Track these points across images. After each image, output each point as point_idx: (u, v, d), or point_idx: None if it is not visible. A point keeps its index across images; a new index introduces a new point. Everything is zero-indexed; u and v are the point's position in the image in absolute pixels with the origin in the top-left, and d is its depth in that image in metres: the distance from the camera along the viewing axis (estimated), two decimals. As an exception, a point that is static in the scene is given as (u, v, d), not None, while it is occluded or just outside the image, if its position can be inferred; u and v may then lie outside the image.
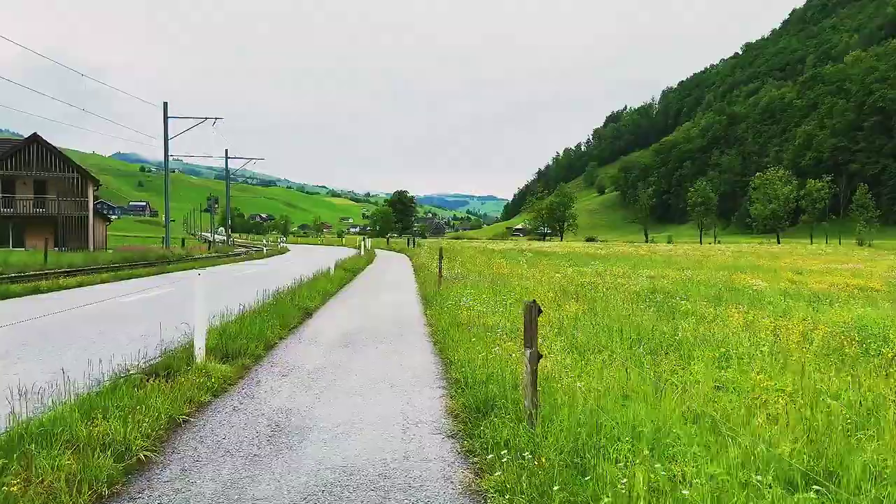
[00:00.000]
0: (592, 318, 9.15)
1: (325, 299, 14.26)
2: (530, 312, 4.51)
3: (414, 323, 11.03)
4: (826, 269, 30.81)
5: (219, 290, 16.06)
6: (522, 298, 11.85)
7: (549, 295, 12.26)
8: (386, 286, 18.92)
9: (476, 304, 11.41)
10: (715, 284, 17.16)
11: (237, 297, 12.32)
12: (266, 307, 10.51)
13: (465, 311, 10.41)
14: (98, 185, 48.94)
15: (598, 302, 11.36)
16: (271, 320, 9.48)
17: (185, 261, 33.14)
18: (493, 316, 9.73)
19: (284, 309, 10.64)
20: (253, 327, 8.56)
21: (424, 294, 15.16)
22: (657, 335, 7.64)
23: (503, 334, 8.11)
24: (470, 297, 12.23)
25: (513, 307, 10.84)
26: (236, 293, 14.48)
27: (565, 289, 14.06)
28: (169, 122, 39.22)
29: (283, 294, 12.28)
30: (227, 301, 11.51)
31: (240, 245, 77.02)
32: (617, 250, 52.99)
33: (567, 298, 12.13)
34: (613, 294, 13.33)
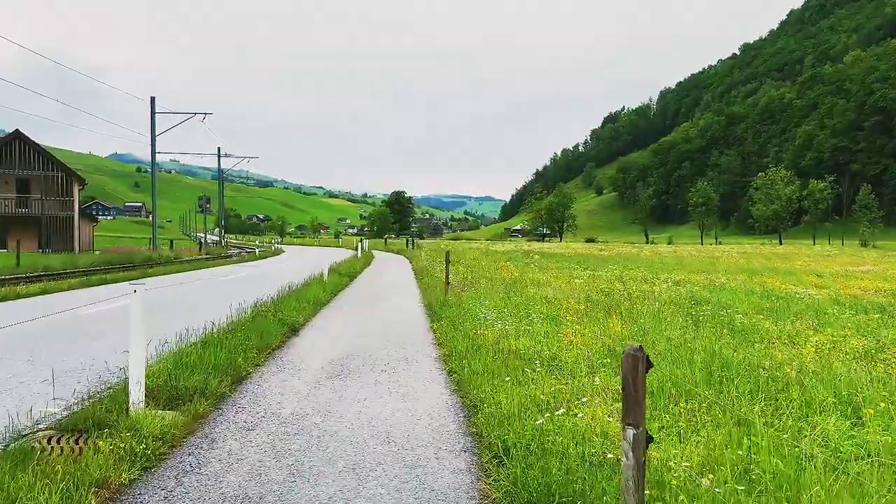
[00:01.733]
0: (644, 340, 7.38)
1: (315, 310, 12.44)
2: (634, 368, 2.72)
3: (420, 342, 9.23)
4: (844, 271, 29.21)
5: (194, 299, 14.25)
6: (547, 312, 10.07)
7: (579, 307, 10.47)
8: (385, 293, 17.09)
9: (491, 315, 9.64)
10: (752, 291, 15.40)
11: (213, 308, 10.54)
12: (242, 324, 8.71)
13: (482, 328, 8.61)
14: (84, 184, 47.00)
15: (640, 316, 9.58)
16: (246, 341, 7.69)
17: (172, 263, 31.28)
18: (520, 337, 7.92)
19: (264, 326, 8.82)
20: (219, 353, 6.75)
21: (429, 303, 13.36)
22: (742, 366, 5.85)
23: (540, 365, 6.31)
24: (484, 308, 10.46)
25: (538, 322, 9.06)
26: (214, 303, 12.69)
27: (591, 298, 12.28)
28: (157, 118, 37.41)
29: (265, 306, 10.46)
30: (200, 314, 9.74)
31: (234, 246, 75.13)
32: (620, 251, 51.26)
33: (597, 310, 10.36)
34: (649, 305, 11.57)
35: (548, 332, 8.30)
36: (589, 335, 7.90)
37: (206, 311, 10.10)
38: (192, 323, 8.41)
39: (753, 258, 41.59)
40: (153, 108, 37.44)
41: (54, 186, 44.22)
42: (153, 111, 37.41)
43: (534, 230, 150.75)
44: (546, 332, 8.23)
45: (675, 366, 6.00)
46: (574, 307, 10.85)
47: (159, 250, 38.68)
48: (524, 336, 8.01)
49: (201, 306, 12.16)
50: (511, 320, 9.40)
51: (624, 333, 7.88)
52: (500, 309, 10.60)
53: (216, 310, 10.15)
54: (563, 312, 10.06)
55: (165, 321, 9.63)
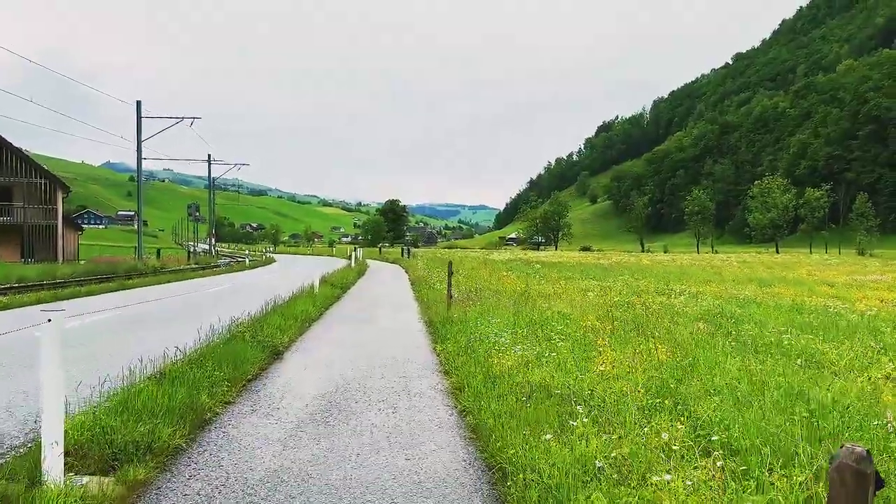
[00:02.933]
0: (697, 371, 6.12)
1: (303, 328, 11.12)
2: (856, 492, 1.45)
3: (423, 368, 7.93)
4: (853, 281, 28.22)
5: (167, 316, 12.90)
6: (568, 332, 8.80)
7: (602, 325, 9.20)
8: (381, 307, 15.78)
9: (504, 336, 8.38)
10: (780, 305, 14.19)
11: (185, 328, 9.24)
12: (214, 349, 7.40)
13: (495, 352, 7.33)
14: (68, 191, 45.52)
15: (672, 337, 8.33)
16: (216, 372, 6.38)
17: (156, 274, 29.88)
18: (543, 364, 6.64)
19: (240, 351, 7.51)
20: (178, 391, 5.44)
21: (430, 318, 12.07)
22: (844, 411, 4.59)
23: (577, 402, 5.03)
24: (494, 327, 9.19)
25: (560, 344, 7.79)
26: (188, 321, 11.36)
27: (612, 314, 11.03)
28: (146, 122, 36.09)
29: (244, 325, 9.14)
30: (168, 336, 8.44)
31: (224, 255, 73.58)
32: (619, 260, 50.18)
33: (624, 328, 9.11)
34: (678, 322, 10.34)
35: (576, 357, 7.03)
36: (625, 363, 6.63)
37: (176, 332, 8.80)
38: (154, 348, 7.10)
39: (755, 267, 40.58)
40: (139, 112, 36.12)
41: (37, 194, 42.74)
42: (139, 116, 36.09)
43: (528, 239, 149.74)
44: (574, 358, 6.95)
45: (747, 408, 4.75)
46: (595, 325, 9.60)
47: (145, 260, 37.22)
48: (548, 364, 6.74)
49: (172, 325, 10.84)
50: (528, 342, 8.13)
51: (668, 360, 6.61)
52: (512, 327, 9.32)
53: (187, 330, 8.85)
54: (586, 332, 8.80)
55: (123, 345, 8.33)
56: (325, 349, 9.31)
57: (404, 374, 7.56)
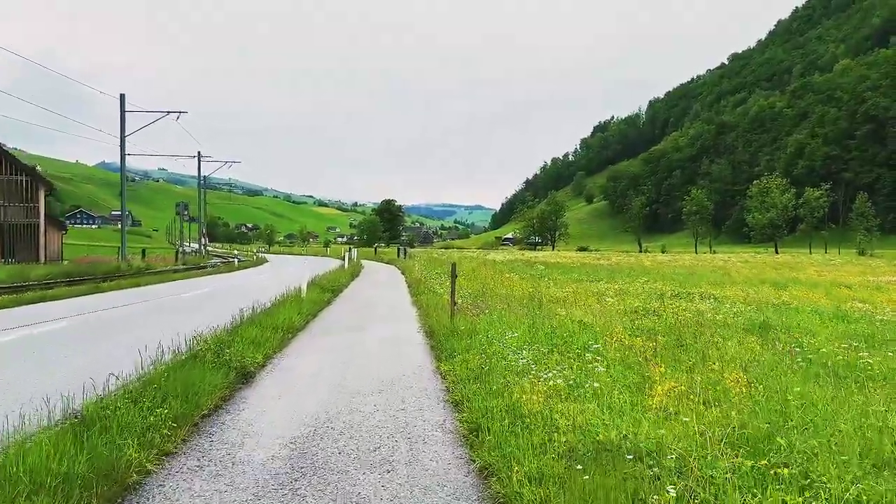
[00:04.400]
0: (789, 413, 4.64)
1: (283, 341, 9.60)
2: None
3: (426, 399, 6.39)
4: (867, 282, 26.91)
5: (129, 325, 11.34)
6: (600, 347, 7.30)
7: (642, 343, 7.69)
8: (375, 314, 14.24)
9: (521, 353, 6.90)
10: (819, 311, 12.74)
11: (141, 342, 7.69)
12: (163, 375, 5.87)
13: (515, 380, 5.84)
14: (51, 189, 43.82)
15: (723, 354, 6.85)
16: (157, 410, 4.88)
17: (138, 275, 28.27)
18: (586, 400, 5.14)
19: (195, 377, 5.97)
20: (96, 444, 3.92)
21: (431, 328, 10.56)
22: None
23: (648, 465, 3.53)
24: (509, 340, 7.70)
25: (593, 364, 6.31)
26: (148, 334, 9.83)
27: (640, 323, 9.57)
28: (131, 117, 34.53)
29: (212, 340, 7.58)
30: (106, 356, 6.94)
31: (216, 255, 71.84)
32: (619, 261, 48.78)
33: (655, 343, 7.64)
34: (717, 332, 8.88)
35: (618, 384, 5.55)
36: (688, 394, 5.15)
37: (123, 350, 7.28)
38: (86, 374, 5.58)
39: (761, 268, 39.22)
40: (122, 106, 34.48)
41: (17, 191, 41.01)
42: (122, 110, 34.45)
43: (525, 239, 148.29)
44: (617, 387, 5.47)
45: None
46: (625, 338, 8.11)
47: (129, 260, 35.57)
48: (587, 396, 5.24)
49: (124, 340, 9.25)
50: (552, 361, 6.64)
51: (742, 391, 5.12)
52: (530, 342, 7.83)
53: (140, 347, 7.31)
54: (621, 348, 7.32)
55: (42, 372, 6.78)
56: (305, 370, 7.78)
57: (402, 405, 6.04)
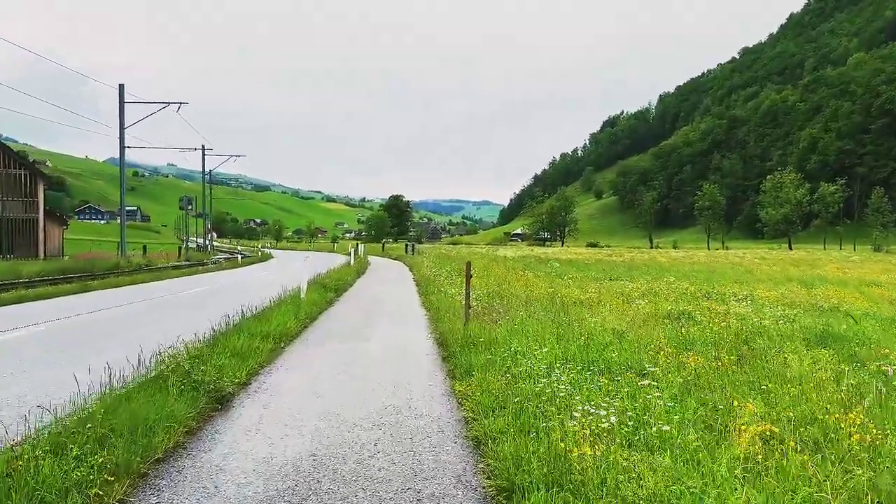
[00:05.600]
0: None
1: (274, 352, 8.39)
2: None
3: (441, 437, 5.13)
4: (894, 280, 25.55)
5: (91, 335, 10.15)
6: (647, 364, 6.05)
7: (682, 357, 6.43)
8: (380, 318, 13.00)
9: (553, 373, 5.69)
10: (877, 316, 11.42)
11: (94, 361, 6.53)
12: (113, 404, 4.68)
13: (552, 412, 4.61)
14: (50, 182, 42.86)
15: (798, 377, 5.59)
16: (92, 458, 3.70)
17: (136, 273, 27.19)
18: (654, 450, 3.89)
19: (151, 410, 4.76)
20: None
21: (442, 336, 9.34)
22: None
23: None
24: (536, 355, 6.47)
25: (636, 384, 5.08)
26: (109, 347, 8.68)
27: (682, 332, 8.30)
28: (130, 110, 33.48)
29: (179, 359, 6.36)
30: (58, 379, 5.79)
31: (221, 251, 70.92)
32: (633, 258, 47.41)
33: (700, 355, 6.39)
34: (774, 343, 7.62)
35: (683, 418, 4.30)
36: (781, 437, 3.90)
37: (83, 369, 6.09)
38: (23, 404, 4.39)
39: (781, 265, 37.77)
40: (121, 97, 33.41)
41: (16, 185, 40.06)
42: (121, 100, 33.38)
43: (534, 234, 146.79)
44: (682, 421, 4.22)
45: None
46: (669, 350, 6.87)
47: (129, 257, 34.53)
48: (654, 443, 4.00)
49: (86, 355, 8.00)
50: (592, 384, 5.40)
51: (860, 437, 3.86)
52: (562, 358, 6.58)
53: (99, 363, 6.13)
54: (672, 367, 6.07)
55: None
56: (296, 388, 6.56)
57: (411, 444, 4.80)
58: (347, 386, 6.73)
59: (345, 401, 6.07)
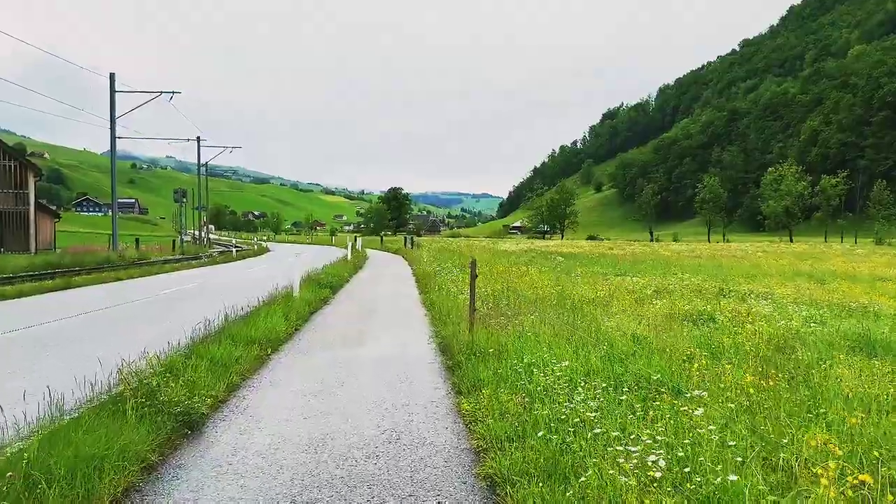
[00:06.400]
0: None
1: (258, 361, 7.57)
2: None
3: (447, 470, 4.31)
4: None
5: (50, 343, 9.32)
6: (682, 380, 5.25)
7: (718, 369, 5.63)
8: (377, 319, 12.17)
9: (576, 392, 4.92)
10: None
11: (46, 381, 5.74)
12: (48, 438, 3.87)
13: (587, 454, 3.82)
14: (40, 174, 41.88)
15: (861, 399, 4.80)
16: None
17: (126, 267, 26.37)
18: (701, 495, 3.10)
19: (106, 439, 3.96)
20: None
21: (445, 341, 8.53)
22: None
23: None
24: (552, 370, 5.68)
25: (678, 407, 4.29)
26: (70, 360, 7.88)
27: (712, 339, 7.52)
28: (126, 98, 32.56)
29: (145, 374, 5.53)
30: None
31: (219, 244, 70.04)
32: (633, 251, 46.62)
33: (771, 379, 5.61)
34: (821, 354, 6.83)
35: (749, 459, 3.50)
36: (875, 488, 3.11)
37: (32, 388, 5.29)
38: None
39: (786, 258, 37.02)
40: (112, 86, 32.48)
41: (6, 177, 39.12)
42: (112, 89, 32.44)
43: (534, 228, 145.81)
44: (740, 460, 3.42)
45: None
46: (700, 360, 6.08)
47: (121, 250, 33.68)
48: (713, 493, 3.20)
49: (41, 369, 7.17)
50: (623, 406, 4.61)
51: None
52: (584, 373, 5.78)
53: (49, 383, 5.33)
54: (710, 383, 5.27)
55: None
56: (280, 406, 5.75)
57: (411, 483, 3.99)
58: (339, 404, 5.92)
59: (335, 423, 5.27)
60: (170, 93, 33.47)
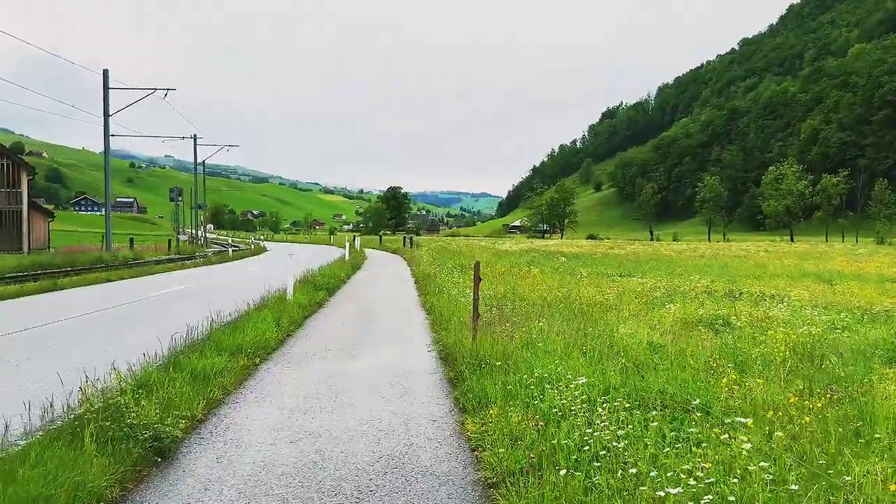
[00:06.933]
0: None
1: (244, 374, 6.99)
2: None
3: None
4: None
5: (28, 357, 8.73)
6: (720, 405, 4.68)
7: (749, 383, 5.07)
8: (374, 325, 11.58)
9: (586, 405, 4.37)
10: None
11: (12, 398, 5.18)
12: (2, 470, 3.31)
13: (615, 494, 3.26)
14: (33, 173, 41.28)
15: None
16: None
17: (118, 267, 25.79)
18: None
19: (52, 477, 3.39)
20: None
21: (447, 351, 7.95)
22: None
23: None
24: (566, 387, 5.13)
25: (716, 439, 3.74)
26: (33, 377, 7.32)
27: (734, 347, 6.95)
28: (119, 95, 31.91)
29: (112, 392, 4.96)
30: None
31: (217, 243, 69.45)
32: (635, 250, 46.10)
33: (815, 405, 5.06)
34: (849, 365, 6.28)
35: None
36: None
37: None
38: None
39: (789, 258, 36.51)
40: (105, 82, 31.86)
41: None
42: (105, 86, 31.84)
43: (534, 227, 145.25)
44: None
45: None
46: (729, 373, 5.53)
47: (114, 250, 33.09)
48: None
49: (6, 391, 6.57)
50: (654, 435, 4.05)
51: None
52: (601, 388, 5.22)
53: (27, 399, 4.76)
54: (737, 403, 4.72)
55: None
56: (262, 432, 5.16)
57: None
58: (331, 423, 5.35)
59: (326, 448, 4.70)
60: (164, 90, 32.91)
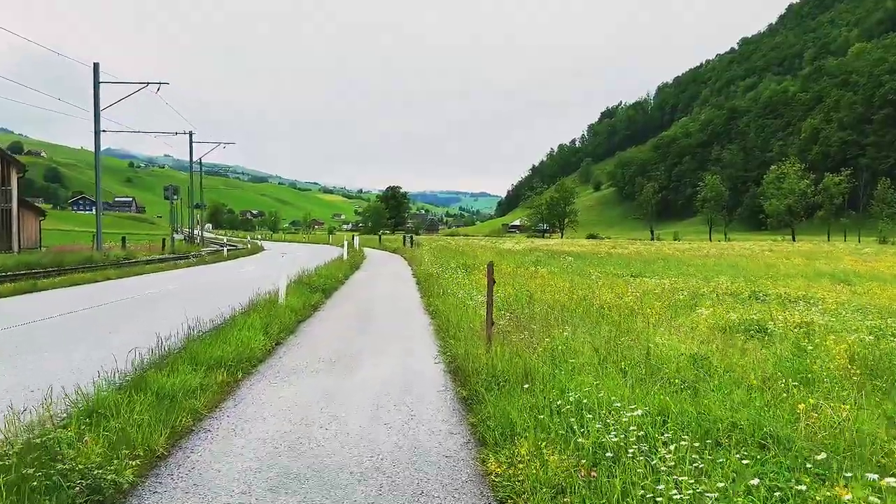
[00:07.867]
0: None
1: (223, 391, 6.02)
2: None
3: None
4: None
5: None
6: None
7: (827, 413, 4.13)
8: (374, 330, 10.58)
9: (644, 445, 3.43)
10: None
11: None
12: None
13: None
14: (24, 170, 40.24)
15: None
16: None
17: (107, 267, 24.81)
18: None
19: None
20: None
21: (457, 363, 6.99)
22: None
23: None
24: (605, 412, 4.19)
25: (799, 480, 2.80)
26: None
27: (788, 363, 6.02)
28: (113, 89, 30.96)
29: (46, 429, 4.01)
30: None
31: (214, 243, 68.39)
32: (637, 249, 45.22)
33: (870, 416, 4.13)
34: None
35: None
36: None
37: None
38: None
39: (797, 257, 35.62)
40: (96, 76, 30.85)
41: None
42: (96, 80, 30.82)
43: (533, 226, 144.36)
44: None
45: None
46: (810, 400, 4.59)
47: (105, 250, 32.09)
48: None
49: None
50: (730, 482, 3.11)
51: None
52: (655, 418, 4.27)
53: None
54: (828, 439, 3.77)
55: None
56: (234, 480, 4.14)
57: None
58: (321, 461, 4.36)
59: (315, 501, 3.72)
60: (157, 83, 31.88)
